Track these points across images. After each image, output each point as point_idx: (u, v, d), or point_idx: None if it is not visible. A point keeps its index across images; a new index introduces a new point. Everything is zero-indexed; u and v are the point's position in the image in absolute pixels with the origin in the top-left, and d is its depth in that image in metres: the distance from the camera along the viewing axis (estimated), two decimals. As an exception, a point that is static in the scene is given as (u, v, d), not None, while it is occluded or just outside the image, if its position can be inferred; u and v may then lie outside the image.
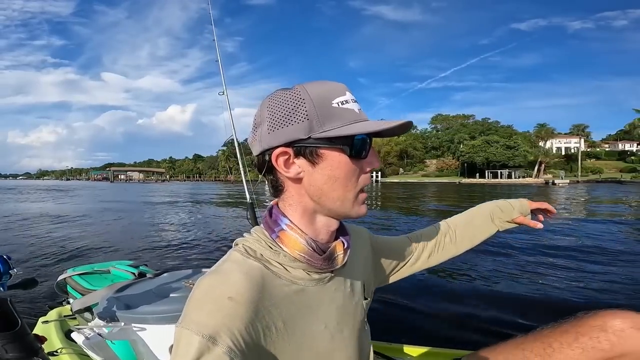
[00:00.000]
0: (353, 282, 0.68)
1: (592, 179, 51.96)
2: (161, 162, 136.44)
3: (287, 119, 0.54)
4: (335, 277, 0.63)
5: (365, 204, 0.60)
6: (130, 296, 1.27)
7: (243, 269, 0.53)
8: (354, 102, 0.56)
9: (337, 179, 0.55)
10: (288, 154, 0.55)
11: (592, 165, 61.47)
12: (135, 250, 5.74)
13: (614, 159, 64.87)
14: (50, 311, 1.76)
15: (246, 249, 0.58)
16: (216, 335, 0.45)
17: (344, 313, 0.63)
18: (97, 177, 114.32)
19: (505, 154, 58.28)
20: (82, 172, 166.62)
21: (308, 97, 0.53)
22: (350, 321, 0.64)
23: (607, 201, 17.18)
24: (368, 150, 0.56)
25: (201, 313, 0.47)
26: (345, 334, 0.63)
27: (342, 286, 0.64)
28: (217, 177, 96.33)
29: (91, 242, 6.43)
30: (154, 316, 1.12)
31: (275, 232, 0.59)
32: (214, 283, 0.51)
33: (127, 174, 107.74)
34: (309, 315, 0.57)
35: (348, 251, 0.63)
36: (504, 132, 65.98)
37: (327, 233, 0.61)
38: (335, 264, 0.60)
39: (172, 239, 6.55)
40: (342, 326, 0.62)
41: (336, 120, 0.53)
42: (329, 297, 0.61)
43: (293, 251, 0.57)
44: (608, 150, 70.44)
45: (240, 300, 0.49)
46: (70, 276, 1.61)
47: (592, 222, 9.25)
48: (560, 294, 3.44)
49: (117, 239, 6.88)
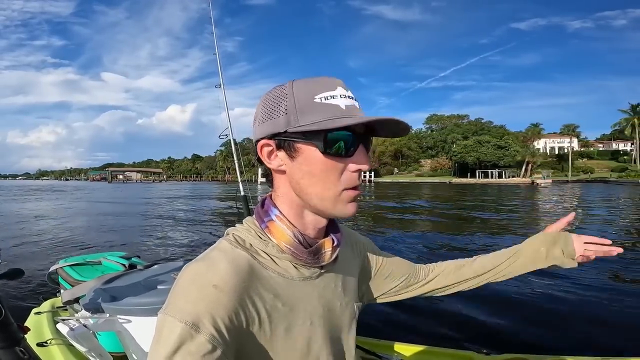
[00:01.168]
0: (345, 282, 0.67)
1: (581, 178, 52.64)
2: (160, 162, 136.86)
3: (271, 113, 0.55)
4: (325, 274, 0.62)
5: (354, 203, 0.57)
6: (118, 287, 1.26)
7: (230, 258, 0.53)
8: (344, 97, 0.54)
9: (313, 175, 0.54)
10: (271, 147, 0.56)
11: (583, 165, 62.16)
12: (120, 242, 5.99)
13: (607, 158, 65.53)
14: (44, 302, 1.77)
15: (236, 238, 0.58)
16: (199, 323, 0.45)
17: (331, 311, 0.62)
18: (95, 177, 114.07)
19: (496, 153, 59.03)
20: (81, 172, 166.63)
21: (291, 92, 0.54)
22: (336, 320, 0.63)
23: (577, 200, 18.05)
24: (351, 148, 0.54)
25: (185, 300, 0.47)
26: (331, 333, 0.61)
27: (331, 284, 0.63)
28: (214, 177, 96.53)
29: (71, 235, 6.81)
30: (139, 308, 1.10)
31: (264, 222, 0.59)
32: (200, 270, 0.51)
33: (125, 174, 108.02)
34: (294, 310, 0.56)
35: (337, 249, 0.62)
36: (496, 132, 66.42)
37: (314, 229, 0.60)
38: (322, 260, 0.60)
39: (156, 232, 6.99)
40: (329, 324, 0.61)
41: (313, 115, 0.52)
42: (317, 294, 0.60)
43: (280, 242, 0.57)
44: (601, 149, 71.10)
45: (225, 288, 0.48)
46: (62, 267, 1.60)
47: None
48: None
49: (94, 232, 7.34)
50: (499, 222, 10.48)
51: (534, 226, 9.51)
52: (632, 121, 53.15)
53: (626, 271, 4.59)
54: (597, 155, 68.38)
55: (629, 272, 4.55)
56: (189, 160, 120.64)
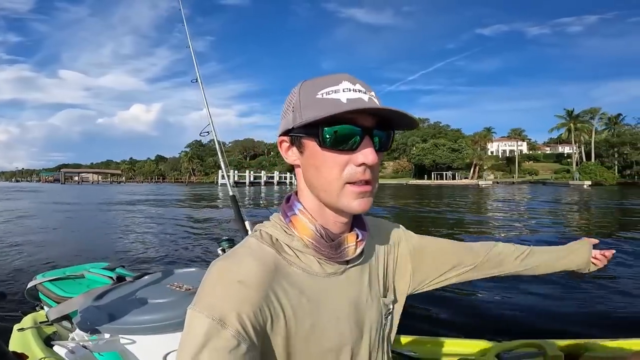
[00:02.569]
0: (372, 277, 0.65)
1: (525, 180, 56.53)
2: (120, 163, 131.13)
3: (285, 111, 0.58)
4: (349, 269, 0.61)
5: (362, 199, 0.55)
6: (112, 304, 1.19)
7: (256, 254, 0.54)
8: (347, 91, 0.53)
9: (317, 168, 0.54)
10: (287, 143, 0.58)
11: (529, 167, 66.19)
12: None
13: (552, 161, 69.74)
14: (25, 317, 1.66)
15: (262, 234, 0.59)
16: (225, 319, 0.45)
17: (357, 307, 0.61)
18: (48, 178, 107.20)
19: (450, 156, 61.38)
20: (34, 173, 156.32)
21: (298, 91, 0.55)
22: (363, 316, 0.61)
23: (505, 198, 19.81)
24: (353, 142, 0.52)
25: (212, 296, 0.48)
26: (358, 329, 0.60)
27: (357, 280, 0.62)
28: (177, 179, 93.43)
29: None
30: (142, 326, 1.05)
31: (288, 217, 0.60)
32: (227, 266, 0.51)
33: (81, 175, 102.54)
34: (319, 306, 0.55)
35: (362, 243, 0.61)
36: (452, 136, 69.38)
37: (335, 224, 0.59)
38: (346, 255, 0.59)
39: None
40: (355, 321, 0.60)
41: (313, 110, 0.52)
42: (342, 290, 0.59)
43: (303, 236, 0.57)
44: (548, 152, 75.61)
45: (251, 284, 0.49)
46: (41, 282, 1.52)
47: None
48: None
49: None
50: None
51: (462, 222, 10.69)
52: (568, 126, 57.65)
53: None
54: (543, 158, 72.70)
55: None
56: (152, 161, 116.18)
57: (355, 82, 0.55)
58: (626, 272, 4.69)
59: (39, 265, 5.03)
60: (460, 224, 10.26)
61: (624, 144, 50.73)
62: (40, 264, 5.20)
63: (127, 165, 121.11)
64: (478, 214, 11.67)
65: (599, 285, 4.01)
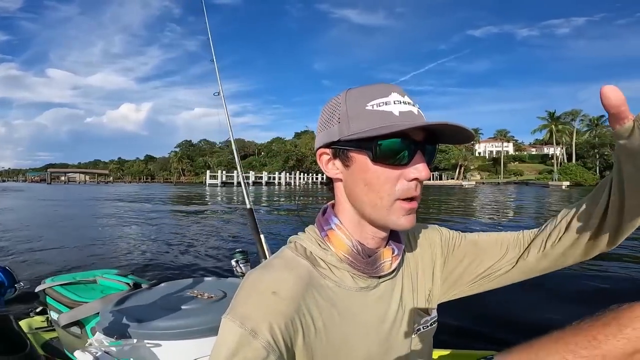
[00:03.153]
0: (404, 291, 0.64)
1: (510, 180, 57.78)
2: (109, 163, 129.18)
3: (328, 122, 0.55)
4: (382, 284, 0.60)
5: (411, 216, 0.54)
6: (136, 309, 1.18)
7: (290, 266, 0.54)
8: (398, 103, 0.51)
9: (367, 183, 0.53)
10: (329, 155, 0.57)
11: (515, 168, 67.50)
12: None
13: (537, 161, 70.92)
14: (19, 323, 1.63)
15: (297, 247, 0.59)
16: (257, 329, 0.45)
17: (386, 323, 0.59)
18: (34, 178, 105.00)
19: (437, 157, 62.73)
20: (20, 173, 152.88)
21: (344, 100, 0.54)
22: (393, 331, 0.60)
23: (482, 197, 20.73)
24: (405, 156, 0.51)
25: (245, 306, 0.48)
26: (388, 344, 0.59)
27: (389, 295, 0.61)
28: (167, 179, 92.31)
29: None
30: (170, 332, 1.04)
31: (324, 231, 0.59)
32: (261, 277, 0.52)
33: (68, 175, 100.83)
34: (350, 321, 0.55)
35: (397, 259, 0.60)
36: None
37: (373, 239, 0.58)
38: (381, 270, 0.58)
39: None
40: (385, 336, 0.59)
41: (364, 123, 0.51)
42: (373, 305, 0.58)
43: (339, 251, 0.57)
44: (534, 153, 76.78)
45: (284, 296, 0.49)
46: (51, 287, 1.48)
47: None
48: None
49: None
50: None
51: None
52: (549, 127, 59.12)
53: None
54: (529, 159, 73.99)
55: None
56: (141, 161, 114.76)
57: (404, 94, 0.54)
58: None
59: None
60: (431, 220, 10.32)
61: (604, 145, 51.92)
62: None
63: (115, 165, 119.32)
64: (449, 213, 12.07)
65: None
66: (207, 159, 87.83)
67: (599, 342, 0.53)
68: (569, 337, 0.55)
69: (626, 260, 4.78)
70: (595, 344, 0.53)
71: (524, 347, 0.58)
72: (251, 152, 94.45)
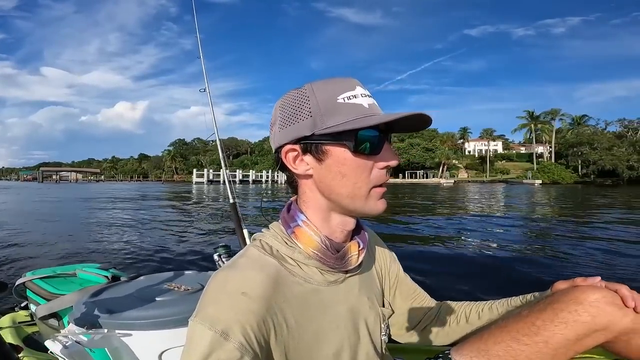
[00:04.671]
0: (369, 285, 0.65)
1: (495, 179, 58.63)
2: (102, 161, 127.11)
3: (294, 117, 0.53)
4: (349, 278, 0.60)
5: (384, 200, 0.56)
6: (110, 300, 1.16)
7: (258, 265, 0.52)
8: (364, 96, 0.53)
9: (344, 175, 0.52)
10: (296, 151, 0.54)
11: (502, 167, 67.93)
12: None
13: (525, 160, 70.77)
14: (2, 317, 1.60)
15: (263, 245, 0.57)
16: (229, 331, 0.44)
17: (356, 315, 0.60)
18: (27, 177, 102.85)
19: (423, 155, 62.75)
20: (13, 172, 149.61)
21: (313, 94, 0.52)
22: (362, 324, 0.61)
23: (455, 195, 21.15)
24: (379, 145, 0.53)
25: (215, 307, 0.46)
26: (358, 337, 0.59)
27: (355, 288, 0.61)
28: (159, 177, 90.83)
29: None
30: (141, 321, 1.02)
31: (290, 228, 0.57)
32: (229, 277, 0.50)
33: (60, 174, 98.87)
34: (321, 315, 0.55)
35: (363, 252, 0.60)
36: (428, 135, 70.47)
37: (342, 232, 0.58)
38: (349, 264, 0.58)
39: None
40: (354, 328, 0.59)
41: (339, 116, 0.51)
42: (343, 299, 0.58)
43: (307, 248, 0.56)
44: (523, 152, 76.90)
45: (254, 296, 0.48)
46: (31, 280, 1.45)
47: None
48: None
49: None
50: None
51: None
52: (529, 126, 59.80)
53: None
54: (516, 157, 73.99)
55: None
56: (135, 159, 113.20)
57: (364, 87, 0.55)
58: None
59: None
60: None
61: (581, 144, 52.72)
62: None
63: (108, 164, 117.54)
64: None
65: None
66: (199, 158, 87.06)
67: (538, 328, 0.52)
68: (512, 325, 0.55)
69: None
70: (534, 330, 0.52)
71: (475, 338, 0.57)
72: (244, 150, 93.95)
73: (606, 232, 6.83)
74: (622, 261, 4.49)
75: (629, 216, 10.11)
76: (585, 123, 61.40)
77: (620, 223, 8.32)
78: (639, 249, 5.23)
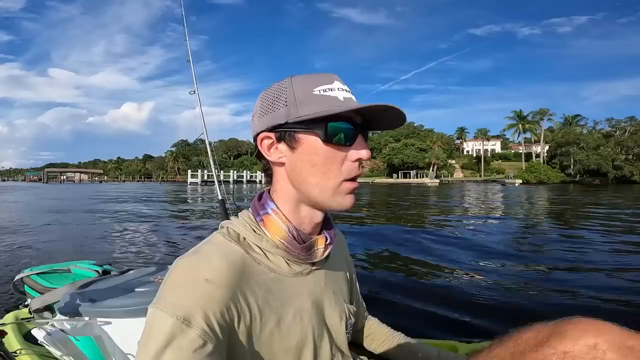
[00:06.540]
0: (335, 281, 0.65)
1: (489, 178, 58.65)
2: (107, 162, 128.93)
3: (271, 106, 0.53)
4: (315, 271, 0.60)
5: (352, 195, 0.54)
6: (95, 291, 1.19)
7: (223, 252, 0.51)
8: (341, 90, 0.53)
9: (314, 164, 0.52)
10: (271, 139, 0.54)
11: (497, 167, 67.33)
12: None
13: (522, 160, 69.94)
14: (7, 314, 1.62)
15: (230, 231, 0.56)
16: (190, 318, 0.43)
17: (320, 308, 0.60)
18: (32, 177, 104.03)
19: (417, 156, 62.27)
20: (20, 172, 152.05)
21: (291, 86, 0.53)
22: (326, 317, 0.61)
23: (445, 196, 21.40)
24: (350, 138, 0.52)
25: (176, 294, 0.45)
26: (321, 330, 0.59)
27: (321, 281, 0.61)
28: (162, 178, 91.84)
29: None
30: (119, 309, 1.04)
31: (260, 216, 0.57)
32: (192, 264, 0.48)
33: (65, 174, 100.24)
34: (285, 305, 0.54)
35: (330, 247, 0.60)
36: (424, 135, 70.12)
37: (310, 224, 0.58)
38: (315, 257, 0.58)
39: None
40: (318, 321, 0.58)
41: (313, 105, 0.51)
42: (307, 290, 0.58)
43: (274, 237, 0.55)
44: (520, 151, 76.39)
45: (218, 282, 0.46)
46: (28, 275, 1.50)
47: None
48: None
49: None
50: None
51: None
52: (516, 126, 59.52)
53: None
54: (513, 157, 72.84)
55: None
56: (139, 160, 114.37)
57: (343, 83, 0.55)
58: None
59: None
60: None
61: (569, 143, 52.74)
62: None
63: (113, 165, 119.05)
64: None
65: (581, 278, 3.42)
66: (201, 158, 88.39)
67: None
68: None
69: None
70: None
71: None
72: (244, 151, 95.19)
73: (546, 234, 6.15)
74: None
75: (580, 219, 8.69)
76: (577, 123, 61.73)
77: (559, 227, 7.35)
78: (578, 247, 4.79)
